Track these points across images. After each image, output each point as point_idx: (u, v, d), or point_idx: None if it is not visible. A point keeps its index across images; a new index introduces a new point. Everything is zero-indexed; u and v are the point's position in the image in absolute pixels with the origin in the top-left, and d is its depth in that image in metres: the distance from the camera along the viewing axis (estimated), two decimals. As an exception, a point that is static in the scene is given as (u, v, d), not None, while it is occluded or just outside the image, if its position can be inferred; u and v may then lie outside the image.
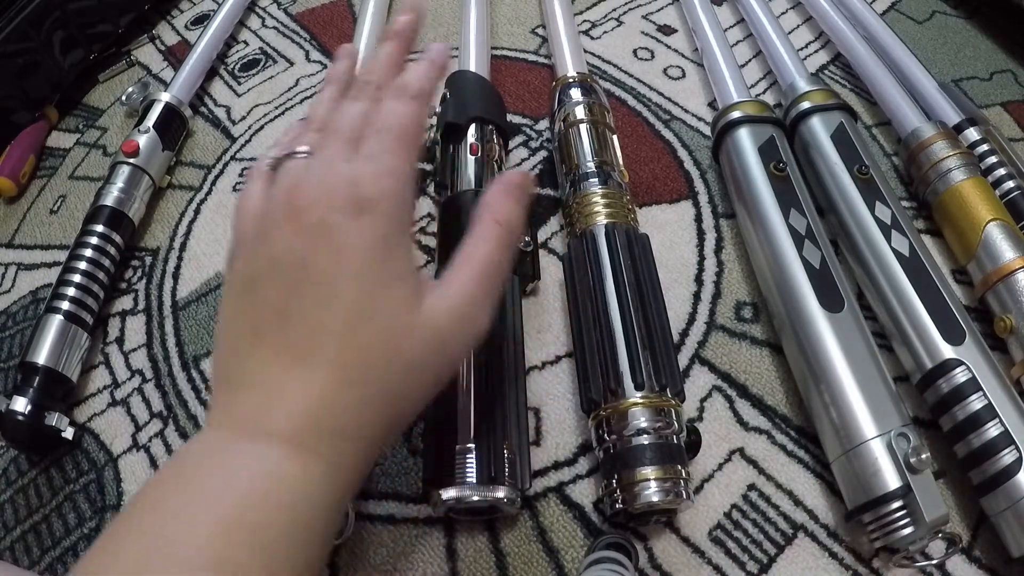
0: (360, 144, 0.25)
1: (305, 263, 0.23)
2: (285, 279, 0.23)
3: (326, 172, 0.24)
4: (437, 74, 0.29)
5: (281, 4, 0.67)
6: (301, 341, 0.22)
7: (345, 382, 0.22)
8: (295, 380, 0.22)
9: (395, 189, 0.24)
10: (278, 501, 0.20)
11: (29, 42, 0.54)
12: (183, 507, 0.20)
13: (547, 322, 0.41)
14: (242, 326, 0.23)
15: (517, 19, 0.61)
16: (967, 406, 0.32)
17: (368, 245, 0.23)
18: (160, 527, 0.19)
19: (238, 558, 0.19)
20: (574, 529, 0.34)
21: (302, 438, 0.21)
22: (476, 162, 0.43)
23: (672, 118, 0.52)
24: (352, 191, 0.23)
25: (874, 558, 0.32)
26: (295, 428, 0.21)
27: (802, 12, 0.61)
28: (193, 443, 0.23)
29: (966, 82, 0.54)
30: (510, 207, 0.27)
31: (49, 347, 0.39)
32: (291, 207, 0.23)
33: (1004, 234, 0.38)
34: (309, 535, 0.21)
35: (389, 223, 0.24)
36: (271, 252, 0.23)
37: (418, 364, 0.23)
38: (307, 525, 0.21)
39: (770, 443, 0.36)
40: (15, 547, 0.36)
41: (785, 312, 0.36)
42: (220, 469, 0.21)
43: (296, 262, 0.23)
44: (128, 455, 0.39)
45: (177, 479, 0.21)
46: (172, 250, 0.48)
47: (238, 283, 0.24)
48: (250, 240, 0.25)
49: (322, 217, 0.23)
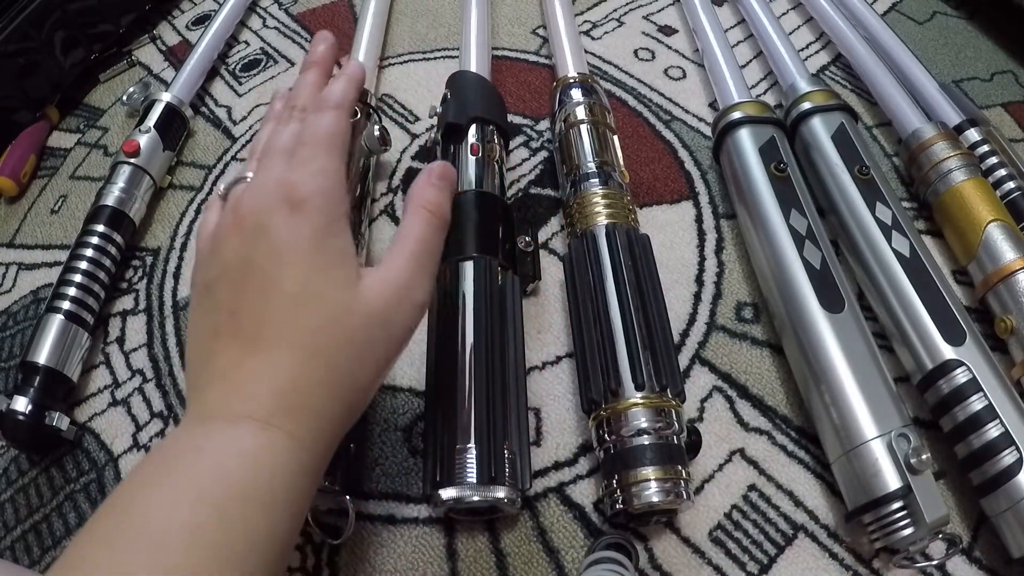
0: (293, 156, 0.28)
1: (249, 262, 0.25)
2: (233, 279, 0.25)
3: (262, 181, 0.27)
4: (355, 85, 0.32)
5: (282, 4, 0.67)
6: (252, 330, 0.24)
7: (298, 362, 0.24)
8: (253, 365, 0.24)
9: (325, 185, 0.27)
10: (246, 475, 0.22)
11: (30, 42, 0.54)
12: (156, 487, 0.22)
13: (547, 322, 0.41)
14: (204, 330, 0.26)
15: (518, 19, 0.61)
16: (968, 407, 0.32)
17: (303, 237, 0.25)
18: (134, 506, 0.21)
19: (207, 527, 0.20)
20: (574, 529, 0.34)
21: (265, 416, 0.23)
22: (477, 162, 0.43)
23: (673, 118, 0.52)
24: (284, 192, 0.26)
25: (874, 559, 0.32)
26: (257, 407, 0.23)
27: (803, 13, 0.61)
28: (166, 438, 0.25)
29: (967, 83, 0.54)
30: (434, 194, 0.29)
31: (50, 347, 0.39)
32: (235, 217, 0.27)
33: (1005, 235, 0.38)
34: (279, 506, 0.22)
35: (322, 215, 0.26)
36: (222, 260, 0.26)
37: (364, 340, 0.25)
38: (276, 496, 0.22)
39: (770, 444, 0.36)
40: (15, 546, 0.36)
41: (786, 313, 0.36)
42: (190, 452, 0.23)
43: (241, 263, 0.25)
44: (129, 455, 0.39)
45: (151, 466, 0.23)
46: (173, 250, 0.48)
47: (197, 293, 0.27)
48: (206, 255, 0.27)
49: (259, 220, 0.26)
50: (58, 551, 0.36)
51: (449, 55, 0.59)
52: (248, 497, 0.22)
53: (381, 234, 0.46)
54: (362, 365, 0.25)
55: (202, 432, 0.23)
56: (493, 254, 0.38)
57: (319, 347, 0.24)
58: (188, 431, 0.24)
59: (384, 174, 0.50)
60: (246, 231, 0.26)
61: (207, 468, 0.22)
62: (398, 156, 0.51)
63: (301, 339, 0.24)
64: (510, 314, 0.36)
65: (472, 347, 0.34)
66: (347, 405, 0.25)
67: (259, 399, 0.23)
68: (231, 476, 0.22)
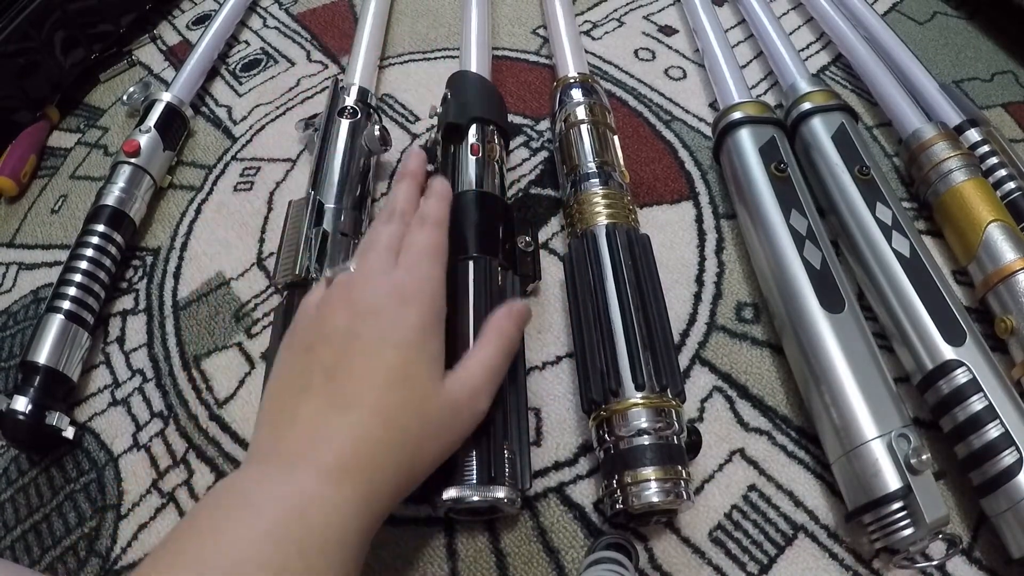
0: (399, 257, 0.32)
1: (356, 335, 0.28)
2: (337, 345, 0.28)
3: (372, 272, 0.31)
4: (447, 204, 0.36)
5: (282, 4, 0.67)
6: (347, 392, 0.27)
7: (381, 427, 0.26)
8: (338, 421, 0.26)
9: (432, 290, 0.31)
10: (318, 518, 0.24)
11: (30, 42, 0.54)
12: (236, 518, 0.23)
13: (547, 322, 0.41)
14: (294, 380, 0.28)
15: (518, 19, 0.61)
16: (968, 407, 0.32)
17: (410, 326, 0.29)
18: (216, 534, 0.23)
19: (285, 562, 0.22)
20: (574, 529, 0.34)
21: (341, 469, 0.25)
22: (477, 162, 0.43)
23: (673, 119, 0.52)
24: (396, 286, 0.30)
25: (874, 559, 0.32)
26: (335, 460, 0.25)
27: (803, 13, 0.61)
28: (236, 474, 0.26)
29: (967, 83, 0.54)
30: (511, 326, 0.32)
31: (50, 346, 0.39)
32: (346, 296, 0.30)
33: (1005, 235, 0.38)
34: (344, 549, 0.24)
35: (428, 313, 0.30)
36: (328, 327, 0.29)
37: (438, 423, 0.28)
38: (342, 541, 0.24)
39: (771, 444, 0.36)
40: (16, 546, 0.37)
41: (786, 313, 0.36)
42: (268, 490, 0.24)
43: (348, 333, 0.28)
44: (129, 454, 0.39)
45: (228, 496, 0.25)
46: (173, 250, 0.48)
47: (292, 351, 0.29)
48: (310, 320, 0.30)
49: (370, 303, 0.29)
50: (58, 551, 0.36)
51: (449, 55, 0.59)
52: (326, 540, 0.23)
53: (381, 234, 0.46)
54: (432, 443, 0.28)
55: (277, 476, 0.25)
56: (493, 254, 0.38)
57: (401, 419, 0.27)
58: (262, 472, 0.26)
59: (384, 174, 0.50)
60: (356, 310, 0.29)
61: (288, 507, 0.24)
62: (398, 156, 0.51)
63: (386, 409, 0.27)
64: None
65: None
66: (412, 472, 0.27)
67: (339, 452, 0.25)
68: (312, 519, 0.23)
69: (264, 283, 0.45)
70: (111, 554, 0.35)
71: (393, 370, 0.27)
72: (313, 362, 0.28)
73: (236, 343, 0.42)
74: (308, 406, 0.27)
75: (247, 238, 0.47)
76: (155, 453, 0.38)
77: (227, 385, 0.40)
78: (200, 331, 0.43)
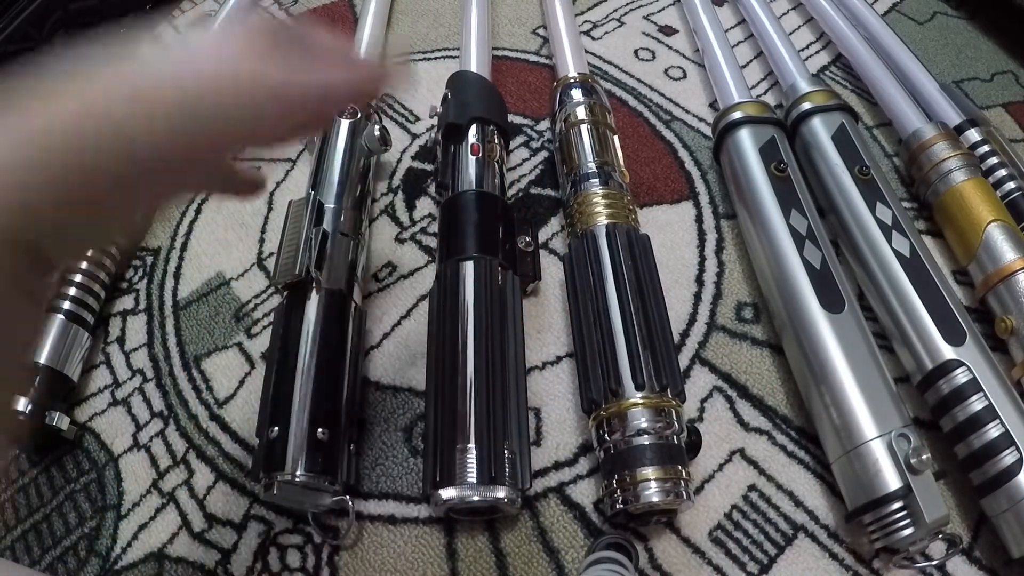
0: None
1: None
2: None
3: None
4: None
5: (282, 4, 0.67)
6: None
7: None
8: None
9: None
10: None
11: (30, 42, 0.54)
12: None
13: (547, 322, 0.41)
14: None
15: (518, 20, 0.61)
16: (968, 407, 0.32)
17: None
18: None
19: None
20: (574, 529, 0.34)
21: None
22: (477, 162, 0.43)
23: (673, 119, 0.52)
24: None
25: (874, 559, 0.32)
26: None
27: (803, 13, 0.61)
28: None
29: (967, 83, 0.54)
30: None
31: (50, 346, 0.39)
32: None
33: (1005, 235, 0.38)
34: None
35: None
36: None
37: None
38: None
39: (771, 444, 0.36)
40: (16, 546, 0.37)
41: (786, 313, 0.36)
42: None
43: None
44: (129, 454, 0.39)
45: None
46: (173, 250, 0.48)
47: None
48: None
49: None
50: (58, 550, 0.36)
51: (449, 55, 0.59)
52: None
53: (381, 234, 0.46)
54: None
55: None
56: (493, 254, 0.38)
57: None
58: None
59: (384, 174, 0.50)
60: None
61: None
62: (398, 156, 0.51)
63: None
64: (510, 314, 0.36)
65: (472, 347, 0.34)
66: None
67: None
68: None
69: (264, 283, 0.45)
70: (111, 554, 0.35)
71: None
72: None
73: (236, 343, 0.42)
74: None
75: (247, 238, 0.47)
76: (155, 453, 0.38)
77: (227, 385, 0.40)
78: (200, 331, 0.43)
